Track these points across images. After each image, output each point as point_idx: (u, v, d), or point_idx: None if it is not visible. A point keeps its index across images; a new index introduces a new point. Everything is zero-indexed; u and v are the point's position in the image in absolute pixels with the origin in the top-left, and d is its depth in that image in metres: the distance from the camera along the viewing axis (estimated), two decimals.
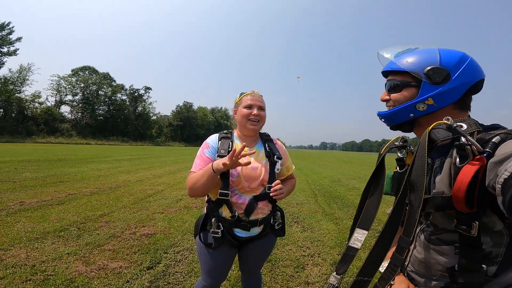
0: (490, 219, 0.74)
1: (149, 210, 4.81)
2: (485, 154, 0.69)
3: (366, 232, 0.93)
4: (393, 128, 0.98)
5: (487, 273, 0.74)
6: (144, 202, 5.42)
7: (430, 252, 0.87)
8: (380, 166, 0.98)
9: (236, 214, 1.42)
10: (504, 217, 0.72)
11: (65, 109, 54.66)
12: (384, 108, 0.99)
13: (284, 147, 1.69)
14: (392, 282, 0.81)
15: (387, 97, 0.95)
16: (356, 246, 0.92)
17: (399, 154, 1.02)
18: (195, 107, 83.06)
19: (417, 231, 0.95)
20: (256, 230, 1.50)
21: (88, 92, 56.17)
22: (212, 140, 1.52)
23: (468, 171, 0.68)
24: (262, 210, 1.49)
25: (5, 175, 7.43)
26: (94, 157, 15.51)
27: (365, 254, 3.22)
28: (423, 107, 0.86)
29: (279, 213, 1.61)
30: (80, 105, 54.72)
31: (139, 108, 66.27)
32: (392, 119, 0.94)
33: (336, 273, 0.94)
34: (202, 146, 1.51)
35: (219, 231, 1.41)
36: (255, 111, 1.48)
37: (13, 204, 4.63)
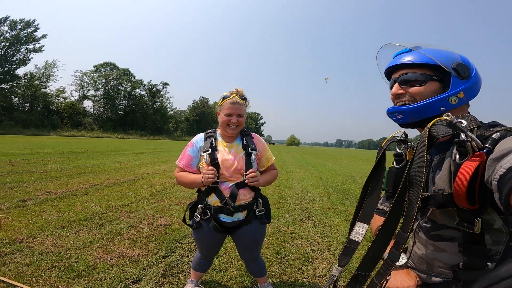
0: (490, 216, 0.75)
1: (166, 202, 5.01)
2: (485, 150, 0.70)
3: (366, 225, 0.95)
4: (410, 125, 0.96)
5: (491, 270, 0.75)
6: (161, 194, 5.64)
7: (430, 248, 0.88)
8: (381, 161, 0.99)
9: (226, 197, 1.67)
10: (503, 214, 0.74)
11: (87, 104, 56.62)
12: (391, 104, 0.98)
13: (264, 141, 1.90)
14: (388, 277, 0.83)
15: (402, 91, 0.92)
16: (357, 239, 0.95)
17: (398, 150, 1.04)
18: (210, 102, 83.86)
19: (414, 227, 0.97)
20: (239, 216, 1.73)
21: (109, 87, 57.87)
22: (197, 139, 1.78)
23: (469, 167, 0.69)
24: (244, 196, 1.72)
25: (32, 166, 7.89)
26: (115, 150, 16.09)
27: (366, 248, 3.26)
28: (455, 100, 0.86)
29: (260, 199, 1.81)
30: (102, 100, 56.53)
31: (157, 103, 67.60)
32: (417, 114, 0.90)
33: (338, 265, 0.98)
34: (188, 143, 1.79)
35: (199, 216, 1.71)
36: (233, 120, 1.69)
37: (40, 193, 4.95)
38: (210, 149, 1.69)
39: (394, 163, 1.04)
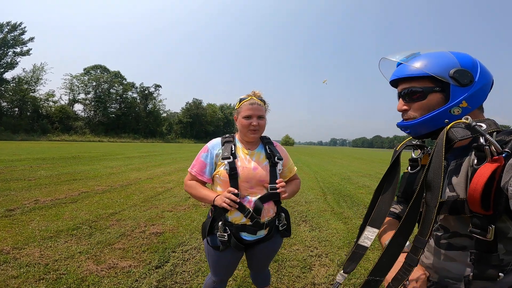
0: (504, 224, 0.72)
1: (158, 208, 4.88)
2: (503, 155, 0.67)
3: (377, 230, 0.92)
4: (420, 137, 0.93)
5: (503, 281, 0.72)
6: (154, 200, 5.51)
7: (440, 257, 0.84)
8: (395, 164, 0.96)
9: (251, 211, 1.45)
10: None
11: (78, 108, 55.90)
12: (398, 118, 0.94)
13: (285, 150, 1.73)
14: (405, 283, 0.81)
15: (406, 107, 0.89)
16: (366, 245, 0.92)
17: (413, 155, 1.00)
18: (204, 104, 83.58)
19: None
20: (262, 233, 1.54)
21: (100, 90, 57.23)
22: (213, 145, 1.59)
23: (485, 171, 0.66)
24: (268, 212, 1.52)
25: (20, 173, 7.66)
26: (107, 155, 15.82)
27: (373, 254, 3.21)
28: (458, 111, 0.81)
29: (283, 214, 1.65)
30: (93, 103, 55.85)
31: (150, 106, 67.14)
32: (421, 128, 0.87)
33: (343, 272, 0.94)
34: (202, 149, 1.60)
35: (226, 234, 1.46)
36: (254, 122, 1.52)
37: (28, 202, 4.78)
38: (231, 156, 1.50)
39: (409, 168, 1.01)
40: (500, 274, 0.72)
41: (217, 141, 1.61)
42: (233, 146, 1.55)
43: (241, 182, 1.47)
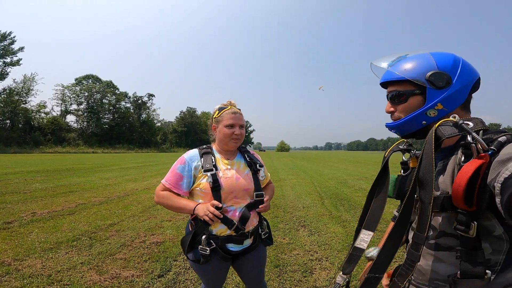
0: (490, 222, 0.73)
1: (157, 218, 4.88)
2: (489, 152, 0.69)
3: (371, 233, 0.95)
4: (406, 137, 0.98)
5: (491, 280, 0.73)
6: (152, 210, 5.49)
7: (428, 258, 0.85)
8: (384, 169, 1.00)
9: (235, 223, 1.43)
10: (504, 221, 0.72)
11: (70, 119, 55.37)
12: (389, 119, 0.99)
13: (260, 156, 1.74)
14: (410, 278, 0.83)
15: (392, 109, 0.95)
16: (362, 247, 0.95)
17: (403, 158, 1.03)
18: (198, 112, 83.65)
19: (410, 237, 0.94)
20: (248, 242, 1.53)
21: (92, 100, 56.88)
22: (190, 156, 1.51)
23: (469, 167, 0.68)
24: (252, 221, 1.51)
25: (15, 186, 7.58)
26: (102, 166, 15.69)
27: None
28: (434, 113, 0.85)
29: (265, 222, 1.64)
30: (85, 114, 55.45)
31: (143, 116, 66.92)
32: (404, 129, 0.93)
33: (342, 273, 0.98)
34: (178, 160, 1.52)
35: (208, 248, 1.41)
36: (237, 131, 1.51)
37: (25, 215, 4.76)
38: (213, 168, 1.46)
39: (401, 171, 1.04)
40: (487, 271, 0.72)
41: (194, 152, 1.54)
42: (213, 157, 1.51)
43: (224, 193, 1.44)
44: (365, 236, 0.96)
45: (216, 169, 1.47)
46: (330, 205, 6.33)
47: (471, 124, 0.75)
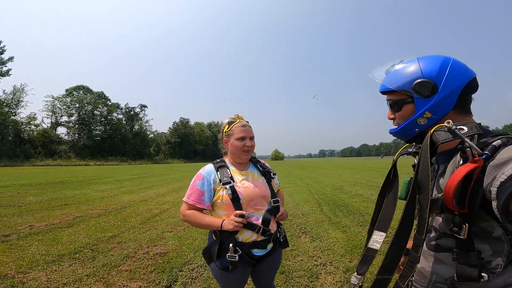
0: (488, 223, 0.73)
1: (158, 230, 4.85)
2: (483, 156, 0.70)
3: (384, 234, 0.97)
4: (408, 142, 1.01)
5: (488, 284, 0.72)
6: (152, 222, 5.46)
7: (430, 260, 0.86)
8: (393, 171, 1.02)
9: (261, 226, 1.51)
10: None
11: (61, 131, 54.58)
12: (394, 126, 1.03)
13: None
14: (411, 278, 0.84)
15: (392, 116, 0.98)
16: (375, 248, 0.97)
17: (415, 161, 1.03)
18: (191, 123, 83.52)
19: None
20: (270, 246, 1.59)
21: (83, 112, 56.23)
22: (207, 171, 1.57)
23: (461, 170, 0.69)
24: (272, 226, 1.59)
25: (9, 199, 7.45)
26: (95, 178, 15.48)
27: (376, 259, 3.30)
28: (424, 121, 0.88)
29: (282, 226, 1.72)
30: (76, 126, 54.73)
31: (136, 127, 66.48)
32: (402, 135, 0.97)
33: (357, 273, 0.99)
34: (195, 177, 1.58)
35: (236, 255, 1.46)
36: (248, 143, 1.59)
37: (22, 228, 4.69)
38: (231, 180, 1.53)
39: (413, 173, 1.08)
40: (483, 274, 0.71)
41: (210, 167, 1.60)
42: (228, 170, 1.57)
43: (245, 202, 1.51)
44: (378, 237, 0.98)
45: (233, 181, 1.54)
46: (328, 211, 6.37)
47: (465, 129, 0.77)
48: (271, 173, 1.70)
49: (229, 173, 1.56)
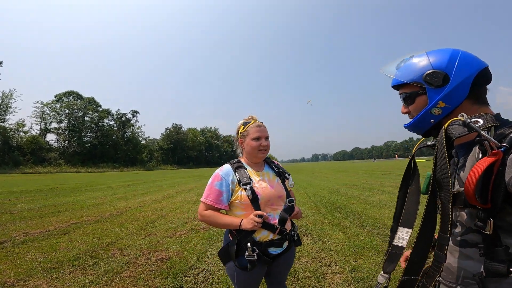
0: None
1: (157, 235, 4.77)
2: (502, 149, 0.68)
3: (410, 230, 0.95)
4: (424, 135, 1.00)
5: None
6: (150, 228, 5.37)
7: (456, 256, 0.84)
8: (412, 165, 1.01)
9: (278, 226, 1.52)
10: None
11: (50, 137, 53.38)
12: (408, 120, 1.00)
13: None
14: (438, 278, 0.83)
15: (406, 110, 0.98)
16: (402, 245, 0.95)
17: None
18: (184, 128, 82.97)
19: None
20: (285, 244, 1.61)
21: (73, 118, 55.24)
22: (225, 172, 1.58)
23: (481, 164, 0.67)
24: (287, 225, 1.61)
25: (0, 206, 7.23)
26: (88, 185, 15.20)
27: (379, 257, 3.32)
28: (438, 111, 0.87)
29: (295, 225, 1.74)
30: (66, 132, 53.69)
31: (128, 133, 65.69)
32: (417, 128, 0.96)
33: (383, 272, 0.98)
34: (213, 177, 1.58)
35: (255, 254, 1.47)
36: (264, 142, 1.61)
37: (17, 235, 4.58)
38: (250, 181, 1.54)
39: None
40: (511, 269, 0.70)
41: (227, 168, 1.61)
42: (246, 171, 1.59)
43: (263, 202, 1.53)
44: (403, 234, 0.95)
45: (252, 181, 1.55)
46: (327, 213, 6.39)
47: (480, 121, 0.75)
48: (286, 174, 1.72)
49: (247, 174, 1.58)
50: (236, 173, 1.57)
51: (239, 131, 1.68)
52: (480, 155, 0.74)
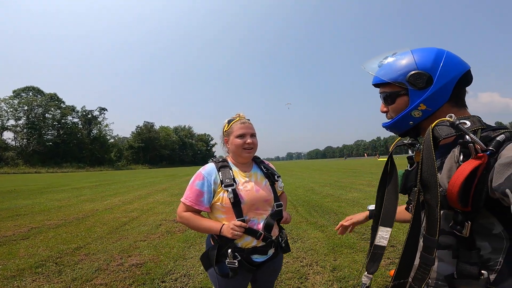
0: (488, 220, 0.72)
1: (129, 239, 4.50)
2: (487, 152, 0.67)
3: (389, 229, 0.94)
4: (402, 135, 0.98)
5: (489, 281, 0.71)
6: (121, 231, 5.07)
7: None
8: (390, 164, 0.99)
9: (261, 232, 1.41)
10: (504, 219, 0.70)
11: (7, 136, 49.35)
12: (387, 119, 1.00)
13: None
14: (428, 280, 0.79)
15: (385, 109, 0.96)
16: (383, 244, 0.94)
17: (410, 152, 1.02)
18: (156, 127, 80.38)
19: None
20: (271, 252, 1.51)
21: (33, 115, 51.58)
22: (208, 171, 1.48)
23: (466, 167, 0.67)
24: (274, 231, 1.50)
25: None
26: (49, 187, 14.17)
27: (359, 256, 3.37)
28: (418, 114, 0.85)
29: (283, 230, 1.64)
30: (25, 130, 49.89)
31: (94, 131, 62.40)
32: (395, 128, 0.95)
33: (367, 273, 0.96)
34: (195, 176, 1.48)
35: (236, 261, 1.38)
36: (248, 140, 1.51)
37: None
38: (233, 183, 1.43)
39: (408, 166, 1.03)
40: (483, 272, 0.70)
41: (211, 167, 1.51)
42: (230, 171, 1.49)
43: (246, 206, 1.42)
44: (384, 233, 0.94)
45: (235, 183, 1.45)
46: (304, 212, 6.45)
47: (468, 123, 0.75)
48: (275, 175, 1.60)
49: (231, 174, 1.47)
50: (220, 172, 1.46)
51: (224, 130, 1.58)
52: (462, 157, 0.72)
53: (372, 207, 1.09)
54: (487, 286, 0.70)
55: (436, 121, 0.77)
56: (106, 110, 64.77)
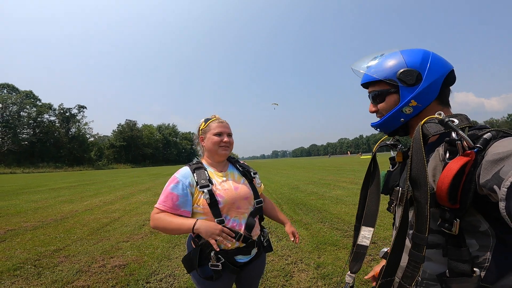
0: (474, 218, 0.72)
1: (111, 240, 4.40)
2: (475, 150, 0.68)
3: (372, 229, 0.96)
4: (390, 134, 0.99)
5: (481, 278, 0.71)
6: (103, 232, 4.94)
7: None
8: (373, 165, 1.01)
9: (242, 234, 1.40)
10: (489, 216, 0.70)
11: None
12: (376, 119, 1.00)
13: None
14: (418, 278, 0.79)
15: (374, 109, 0.96)
16: (365, 244, 0.97)
17: (392, 153, 1.04)
18: (139, 125, 78.47)
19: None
20: (254, 251, 1.51)
21: (7, 113, 49.18)
22: (182, 174, 1.45)
23: (454, 165, 0.67)
24: (255, 230, 1.50)
25: None
26: (25, 188, 13.58)
27: (342, 253, 3.45)
28: (409, 110, 0.87)
29: (265, 230, 1.65)
30: None
31: (73, 130, 60.11)
32: (386, 127, 0.95)
33: (350, 272, 0.99)
34: (169, 180, 1.45)
35: (219, 263, 1.37)
36: (225, 138, 1.52)
37: None
38: (209, 184, 1.41)
39: (390, 166, 1.04)
40: (475, 269, 0.71)
41: (185, 170, 1.47)
42: (206, 172, 1.46)
43: (226, 205, 1.41)
44: (366, 233, 0.96)
45: (212, 184, 1.43)
46: (289, 210, 6.51)
47: (456, 121, 0.75)
48: (252, 173, 1.60)
49: (207, 175, 1.45)
50: (195, 174, 1.44)
51: (200, 128, 1.57)
52: (447, 155, 0.74)
53: (385, 250, 1.02)
54: (479, 284, 0.70)
55: (426, 119, 0.78)
56: (86, 108, 62.61)
